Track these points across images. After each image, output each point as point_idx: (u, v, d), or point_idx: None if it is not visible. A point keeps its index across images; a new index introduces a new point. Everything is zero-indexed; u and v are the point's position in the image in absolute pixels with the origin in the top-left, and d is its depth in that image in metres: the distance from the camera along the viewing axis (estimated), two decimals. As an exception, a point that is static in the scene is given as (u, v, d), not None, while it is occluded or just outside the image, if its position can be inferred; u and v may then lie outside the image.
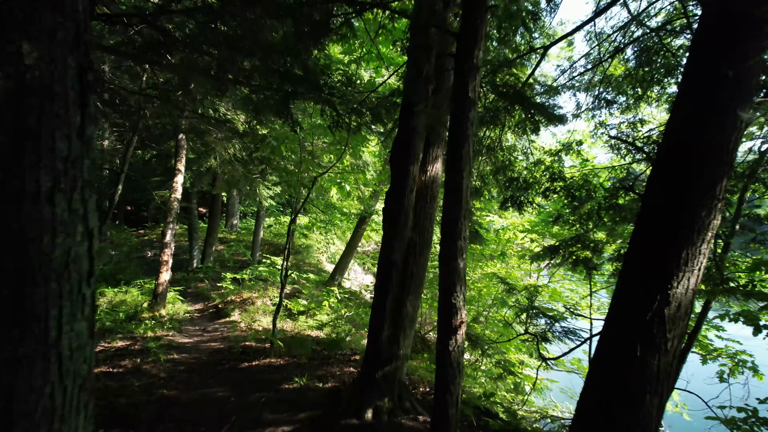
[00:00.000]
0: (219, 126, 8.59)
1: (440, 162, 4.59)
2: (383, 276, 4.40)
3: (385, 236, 4.44)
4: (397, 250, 4.34)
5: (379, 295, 4.41)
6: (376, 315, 4.41)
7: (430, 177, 4.50)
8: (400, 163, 4.40)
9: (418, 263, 4.43)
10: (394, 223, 4.35)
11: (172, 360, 6.75)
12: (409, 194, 4.35)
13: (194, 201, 14.69)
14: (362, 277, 23.76)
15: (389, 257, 4.35)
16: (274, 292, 11.32)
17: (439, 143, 4.59)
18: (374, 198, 13.24)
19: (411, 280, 4.38)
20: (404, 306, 4.35)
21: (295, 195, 7.36)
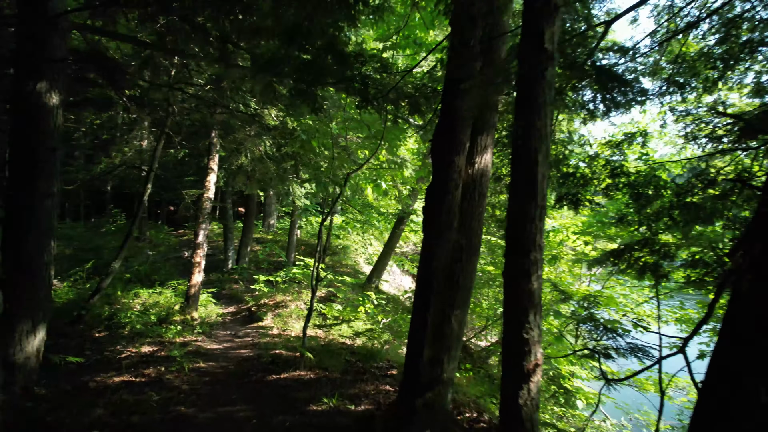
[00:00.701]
0: (250, 121, 8.16)
1: (490, 153, 3.90)
2: (424, 286, 3.75)
3: (425, 239, 3.79)
4: (440, 255, 3.69)
5: (419, 309, 3.77)
6: (415, 332, 3.77)
7: (478, 170, 3.82)
8: (443, 153, 3.74)
9: (465, 271, 3.76)
10: (437, 224, 3.70)
11: (197, 369, 6.34)
12: (453, 190, 3.69)
13: (229, 201, 14.47)
14: (400, 279, 23.13)
15: (430, 264, 3.71)
16: (307, 296, 10.86)
17: (489, 130, 3.90)
18: (412, 197, 12.58)
19: (456, 292, 3.71)
20: (449, 322, 3.69)
21: (327, 193, 6.81)
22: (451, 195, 3.67)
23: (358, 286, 13.25)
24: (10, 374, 4.81)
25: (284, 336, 8.51)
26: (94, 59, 5.46)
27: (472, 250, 3.80)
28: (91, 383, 5.51)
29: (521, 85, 2.28)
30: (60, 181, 5.23)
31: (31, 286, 4.92)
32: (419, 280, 3.81)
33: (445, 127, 3.77)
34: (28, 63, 5.00)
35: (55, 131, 5.10)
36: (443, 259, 3.69)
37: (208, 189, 10.31)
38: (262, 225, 22.10)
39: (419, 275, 3.82)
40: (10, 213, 4.94)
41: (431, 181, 3.84)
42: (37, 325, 5.01)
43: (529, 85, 2.23)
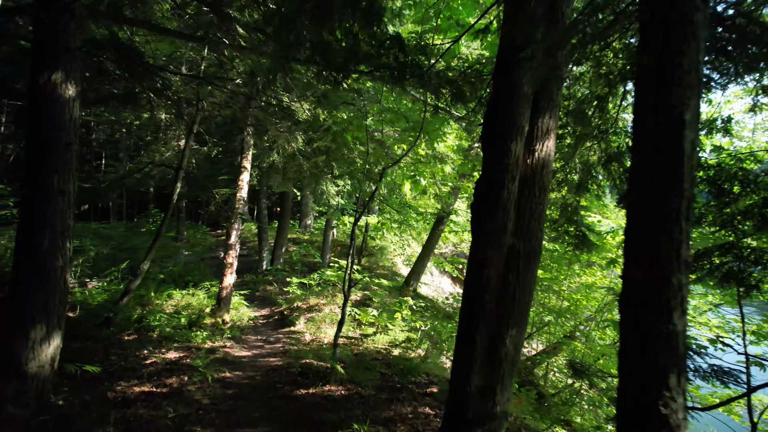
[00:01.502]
0: (281, 116, 7.72)
1: (552, 138, 3.22)
2: (472, 300, 3.11)
3: (474, 244, 3.15)
4: (492, 262, 3.04)
5: (466, 328, 3.13)
6: (461, 355, 3.13)
7: (539, 159, 3.15)
8: (496, 139, 3.10)
9: (522, 282, 3.09)
10: (488, 225, 3.06)
11: (221, 380, 5.91)
12: (509, 183, 3.04)
13: (263, 200, 14.19)
14: (439, 281, 22.39)
15: (480, 273, 3.07)
16: (342, 300, 10.36)
17: (552, 111, 3.22)
18: (453, 195, 11.86)
19: (512, 306, 3.05)
20: (502, 343, 3.04)
21: (362, 191, 6.25)
22: (506, 189, 3.02)
23: (396, 289, 12.66)
24: (22, 384, 4.49)
25: (316, 343, 8.03)
26: (112, 48, 5.10)
27: (531, 256, 3.13)
28: (110, 393, 5.16)
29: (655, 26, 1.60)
30: (76, 178, 4.89)
31: (45, 291, 4.60)
32: (466, 293, 3.18)
33: (499, 107, 3.12)
34: (43, 52, 4.69)
35: (70, 125, 4.76)
36: (496, 267, 3.04)
37: (241, 188, 9.98)
38: (299, 225, 21.88)
39: (466, 287, 3.19)
40: (23, 212, 4.64)
41: (481, 173, 3.20)
42: (52, 331, 4.68)
43: (668, 24, 1.56)
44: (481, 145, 3.24)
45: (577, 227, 6.55)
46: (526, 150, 3.16)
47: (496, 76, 3.17)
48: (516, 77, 3.02)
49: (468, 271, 3.18)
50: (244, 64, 9.51)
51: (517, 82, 3.03)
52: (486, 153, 3.17)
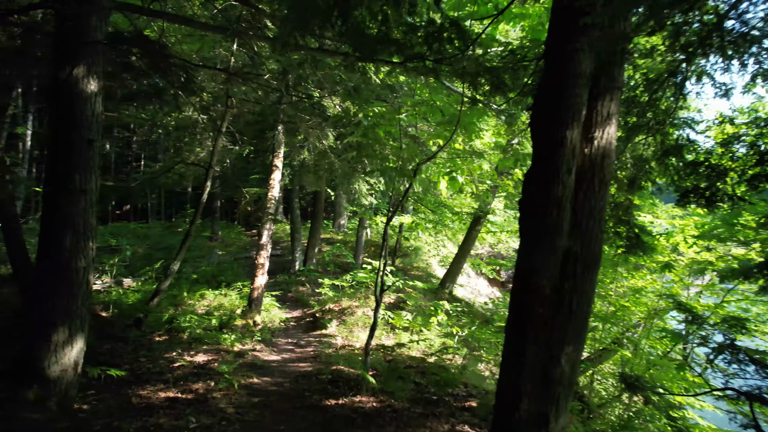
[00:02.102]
0: (312, 111, 7.45)
1: (614, 124, 2.76)
2: (520, 312, 2.70)
3: (523, 247, 2.74)
4: (545, 269, 2.62)
5: (514, 344, 2.72)
6: (508, 375, 2.72)
7: (598, 148, 2.70)
8: (548, 125, 2.67)
9: (580, 291, 2.65)
10: (539, 225, 2.64)
11: (248, 386, 5.67)
12: (564, 176, 2.60)
13: (296, 200, 14.04)
14: (475, 282, 21.77)
15: (530, 281, 2.64)
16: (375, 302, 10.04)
17: (613, 93, 2.76)
18: (492, 193, 11.32)
19: (568, 320, 2.62)
20: (556, 363, 2.61)
21: (394, 188, 5.89)
22: (560, 183, 2.59)
23: (431, 291, 12.24)
24: (44, 389, 4.35)
25: (348, 347, 7.72)
26: (135, 41, 4.92)
27: (591, 261, 2.68)
28: (135, 398, 4.99)
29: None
30: (99, 176, 4.74)
31: (67, 292, 4.44)
32: (514, 304, 2.76)
33: (552, 88, 2.69)
34: (65, 46, 4.54)
35: (92, 121, 4.60)
36: (549, 274, 2.61)
37: (273, 187, 9.79)
38: (333, 225, 21.72)
39: (514, 297, 2.77)
40: (45, 212, 4.51)
41: (531, 165, 2.77)
42: (75, 334, 4.53)
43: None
44: (530, 133, 2.81)
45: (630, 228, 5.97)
46: (584, 138, 2.71)
47: (549, 51, 2.74)
48: (572, 52, 2.58)
49: (516, 278, 2.76)
50: (275, 61, 9.32)
51: (573, 59, 2.59)
52: (536, 142, 2.74)
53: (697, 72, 3.55)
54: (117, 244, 12.22)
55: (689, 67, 2.94)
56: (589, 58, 2.61)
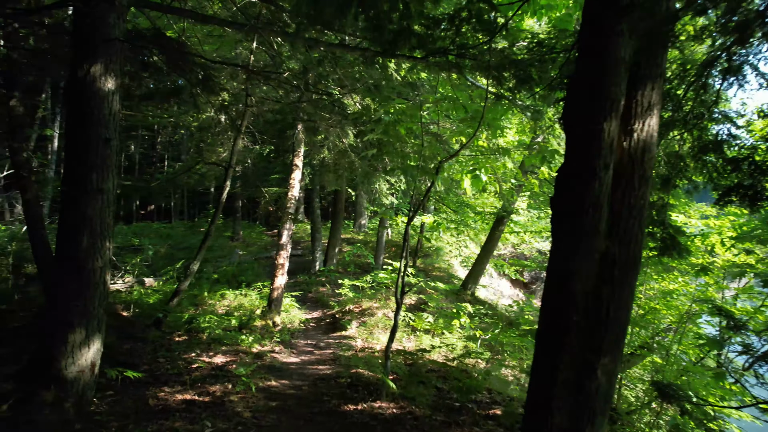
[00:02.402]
0: (331, 109, 7.32)
1: (656, 115, 2.53)
2: (553, 319, 2.49)
3: (556, 249, 2.53)
4: (580, 272, 2.41)
5: (546, 354, 2.51)
6: (539, 388, 2.52)
7: (638, 141, 2.48)
8: (584, 116, 2.46)
9: (619, 297, 2.43)
10: (574, 225, 2.43)
11: (266, 389, 5.56)
12: (601, 172, 2.39)
13: (316, 199, 13.96)
14: (497, 283, 21.40)
15: (564, 286, 2.44)
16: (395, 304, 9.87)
17: (655, 81, 2.53)
18: (516, 192, 11.01)
19: (605, 328, 2.40)
20: (592, 375, 2.40)
21: (416, 186, 5.71)
22: (597, 180, 2.37)
23: (452, 292, 12.01)
24: (61, 390, 4.31)
25: (368, 350, 7.57)
26: (153, 38, 4.86)
27: (630, 264, 2.46)
28: (152, 400, 4.93)
29: None
30: (116, 176, 4.68)
31: (83, 293, 4.40)
32: (546, 310, 2.55)
33: (587, 76, 2.47)
34: (82, 44, 4.50)
35: (110, 120, 4.54)
36: (585, 278, 2.40)
37: (293, 187, 9.72)
38: (353, 225, 21.64)
39: (546, 302, 2.56)
40: (62, 212, 4.48)
41: (564, 161, 2.56)
42: (92, 335, 4.48)
43: None
44: (563, 127, 2.60)
45: (664, 228, 5.66)
46: (623, 130, 2.49)
47: (584, 36, 2.53)
48: (610, 36, 2.36)
49: (548, 283, 2.56)
50: (295, 60, 9.22)
51: (611, 44, 2.37)
52: (570, 136, 2.53)
53: (738, 63, 3.28)
54: (139, 243, 12.34)
55: (733, 54, 2.68)
56: (629, 43, 2.39)
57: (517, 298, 22.30)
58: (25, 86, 8.35)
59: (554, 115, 6.83)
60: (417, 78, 7.93)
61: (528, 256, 22.71)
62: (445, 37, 5.66)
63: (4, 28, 7.65)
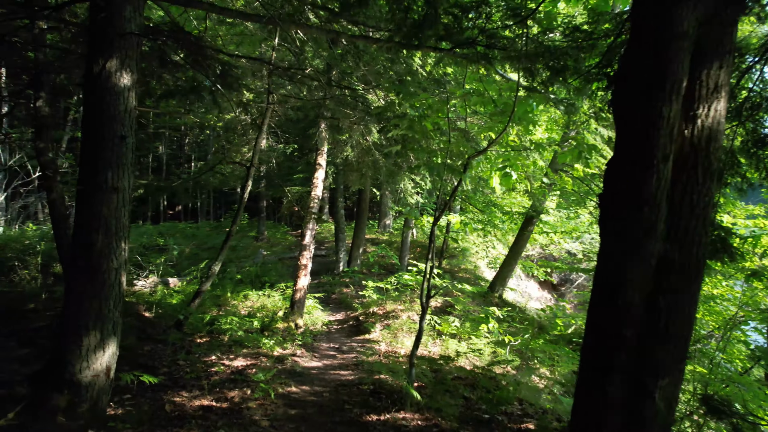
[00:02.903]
0: (354, 105, 7.09)
1: (724, 98, 2.19)
2: (601, 334, 2.18)
3: (605, 252, 2.21)
4: (634, 280, 2.08)
5: (593, 371, 2.20)
6: (585, 413, 2.20)
7: (703, 129, 2.14)
8: (639, 100, 2.13)
9: (679, 309, 2.10)
10: (626, 225, 2.11)
11: (286, 396, 5.36)
12: (660, 165, 2.06)
13: (340, 199, 13.78)
14: (525, 285, 20.84)
15: (614, 295, 2.12)
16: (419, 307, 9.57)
17: (722, 59, 2.18)
18: (548, 189, 10.55)
19: (664, 345, 2.08)
20: (648, 398, 2.07)
21: (442, 184, 5.42)
22: (654, 174, 2.05)
23: (479, 295, 11.64)
24: (75, 395, 4.19)
25: (392, 355, 7.30)
26: (170, 32, 4.71)
27: (692, 269, 2.13)
28: (169, 405, 4.78)
29: None
30: (132, 174, 4.55)
31: (98, 295, 4.27)
32: (593, 323, 2.24)
33: (642, 54, 2.14)
34: (97, 39, 4.38)
35: (125, 116, 4.40)
36: (639, 287, 2.08)
37: (316, 186, 9.54)
38: (378, 225, 21.43)
39: (593, 314, 2.25)
40: (77, 211, 4.36)
41: (614, 153, 2.24)
42: (106, 338, 4.35)
43: None
44: (612, 112, 2.28)
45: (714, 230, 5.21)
46: (685, 116, 2.16)
47: (638, 8, 2.20)
48: (671, 6, 2.03)
49: (596, 291, 2.24)
50: (317, 56, 9.03)
51: (672, 14, 2.04)
52: (621, 123, 2.21)
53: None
54: (164, 243, 12.38)
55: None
56: (693, 14, 2.05)
57: (546, 301, 21.69)
58: (51, 87, 8.37)
59: (589, 108, 6.45)
60: (442, 75, 7.64)
61: (557, 257, 22.06)
62: (473, 27, 5.36)
63: (31, 30, 7.72)
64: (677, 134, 2.14)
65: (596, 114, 4.70)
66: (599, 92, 4.87)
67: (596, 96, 4.80)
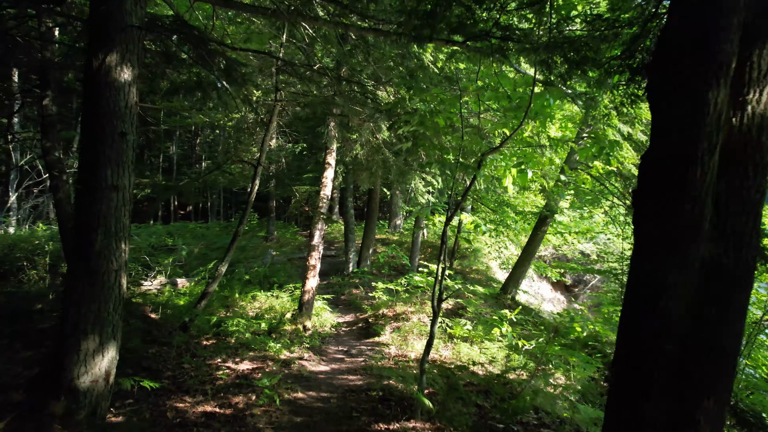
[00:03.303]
0: (363, 101, 6.89)
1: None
2: (637, 346, 1.94)
3: (640, 255, 1.98)
4: (674, 287, 1.85)
5: (627, 390, 1.96)
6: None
7: (754, 117, 1.90)
8: (681, 84, 1.89)
9: (726, 319, 1.86)
10: (665, 225, 1.87)
11: (292, 402, 5.17)
12: (705, 157, 1.82)
13: (349, 198, 13.59)
14: (537, 286, 20.48)
15: (653, 304, 1.88)
16: (430, 308, 9.33)
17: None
18: (565, 188, 10.26)
19: (709, 360, 1.84)
20: (691, 420, 1.83)
21: (454, 184, 5.20)
22: (699, 167, 1.81)
23: (492, 296, 11.38)
24: (73, 401, 4.04)
25: (402, 359, 7.08)
26: (173, 26, 4.54)
27: (741, 275, 1.89)
28: (170, 412, 4.62)
29: None
30: (132, 172, 4.38)
31: (97, 297, 4.11)
32: (626, 336, 2.00)
33: (684, 32, 1.91)
34: (98, 32, 4.23)
35: (126, 112, 4.24)
36: (680, 294, 1.84)
37: (325, 186, 9.36)
38: (388, 225, 21.21)
39: (626, 325, 2.01)
40: (76, 211, 4.21)
41: (650, 145, 2.00)
42: (106, 342, 4.19)
43: None
44: (647, 97, 2.04)
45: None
46: (733, 102, 1.92)
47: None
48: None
49: (629, 299, 2.00)
50: (327, 53, 8.85)
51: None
52: (659, 110, 1.97)
53: None
54: (173, 243, 12.28)
55: None
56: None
57: (559, 302, 21.31)
58: (59, 86, 8.28)
59: (610, 103, 6.18)
60: (453, 72, 7.41)
61: (570, 257, 21.66)
62: (488, 18, 5.13)
63: (38, 29, 7.63)
64: (724, 123, 1.89)
65: (617, 108, 4.45)
66: (621, 85, 4.61)
67: (618, 89, 4.55)
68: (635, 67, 4.25)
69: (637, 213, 2.00)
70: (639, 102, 4.48)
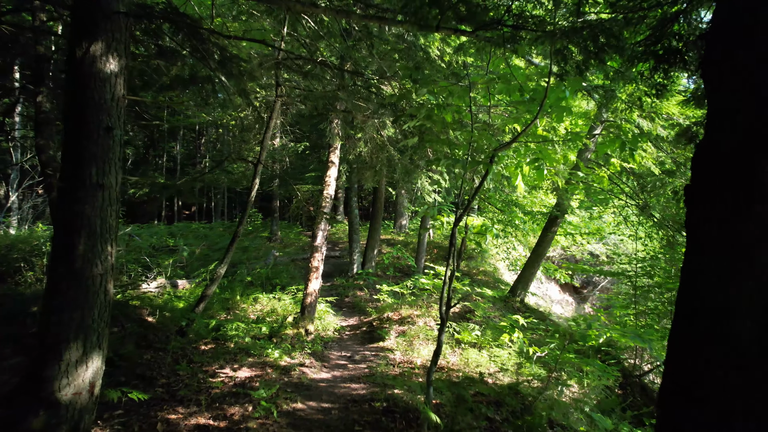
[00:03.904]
0: (367, 96, 6.59)
1: None
2: (693, 373, 1.62)
3: (694, 264, 1.65)
4: (739, 306, 1.52)
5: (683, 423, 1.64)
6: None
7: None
8: (748, 57, 1.57)
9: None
10: (729, 229, 1.54)
11: (290, 413, 4.87)
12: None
13: (354, 198, 13.29)
14: (546, 287, 20.12)
15: (710, 325, 1.56)
16: (438, 312, 9.00)
17: None
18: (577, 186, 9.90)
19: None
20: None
21: (463, 182, 4.88)
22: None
23: (500, 299, 11.04)
24: (53, 415, 3.75)
25: (407, 365, 6.78)
26: (164, 14, 4.25)
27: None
28: (161, 424, 4.33)
29: None
30: (120, 170, 4.10)
31: (81, 304, 3.82)
32: (678, 361, 1.68)
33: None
34: (82, 19, 3.95)
35: (112, 105, 3.95)
36: (748, 315, 1.52)
37: (328, 185, 9.06)
38: (394, 225, 20.90)
39: (677, 348, 1.69)
40: (58, 211, 3.93)
41: (706, 132, 1.68)
42: (90, 352, 3.91)
43: None
44: (701, 74, 1.72)
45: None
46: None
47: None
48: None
49: (681, 318, 1.67)
50: (331, 48, 8.55)
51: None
52: (718, 91, 1.65)
53: None
54: (175, 244, 12.04)
55: None
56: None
57: (568, 304, 20.91)
58: (56, 82, 8.03)
59: (628, 97, 5.86)
60: (460, 67, 7.08)
61: (578, 258, 21.26)
62: (498, 5, 4.82)
63: (32, 25, 7.39)
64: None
65: (640, 100, 4.12)
66: (644, 75, 4.27)
67: (641, 79, 4.21)
68: (661, 54, 3.92)
69: (691, 214, 1.67)
70: (664, 93, 4.15)
